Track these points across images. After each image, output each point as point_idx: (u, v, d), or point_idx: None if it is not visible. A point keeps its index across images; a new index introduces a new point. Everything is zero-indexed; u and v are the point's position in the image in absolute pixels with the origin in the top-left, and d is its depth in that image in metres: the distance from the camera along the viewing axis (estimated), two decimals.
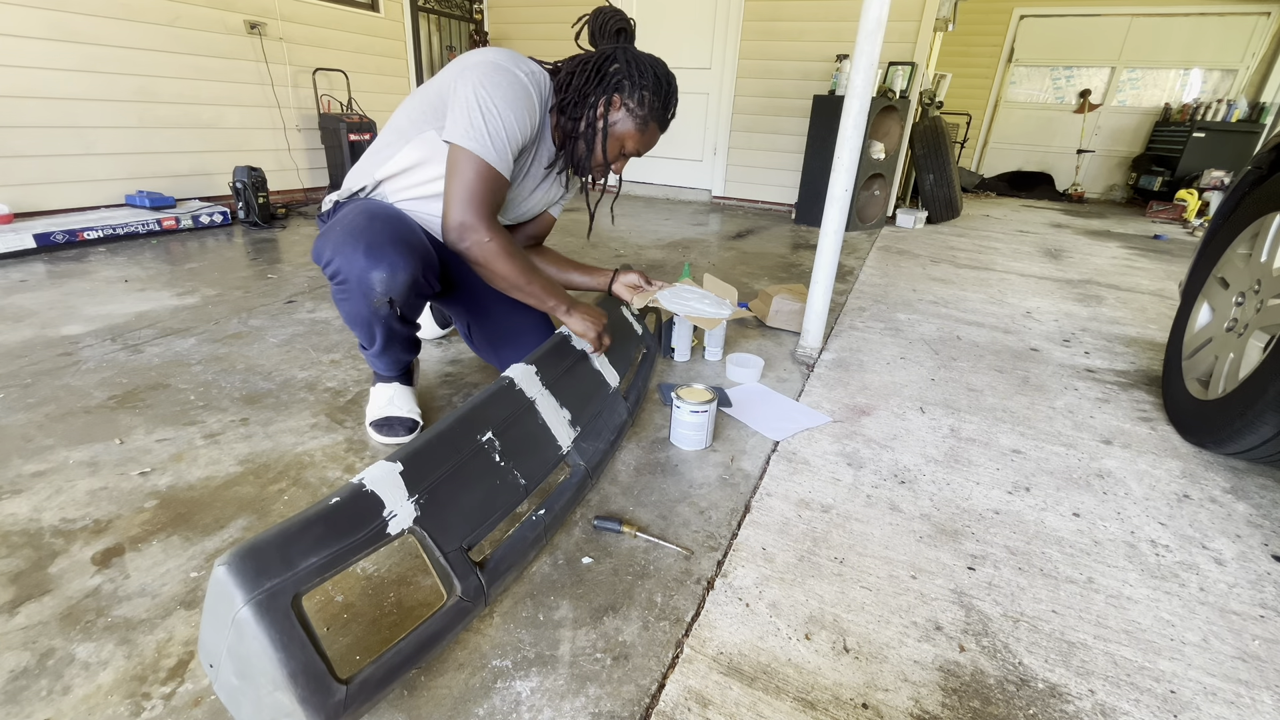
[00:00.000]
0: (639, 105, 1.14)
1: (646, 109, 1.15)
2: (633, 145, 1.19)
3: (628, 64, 1.12)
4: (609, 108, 1.14)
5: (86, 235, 2.66)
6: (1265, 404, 1.16)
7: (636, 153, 1.21)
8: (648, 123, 1.16)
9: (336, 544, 0.67)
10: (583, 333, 1.22)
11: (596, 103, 1.13)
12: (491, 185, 1.07)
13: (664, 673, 0.78)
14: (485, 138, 1.03)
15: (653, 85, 1.13)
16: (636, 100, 1.14)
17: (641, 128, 1.16)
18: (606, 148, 1.17)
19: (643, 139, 1.18)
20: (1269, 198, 1.39)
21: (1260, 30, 5.82)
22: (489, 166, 1.05)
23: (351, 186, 1.24)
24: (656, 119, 1.17)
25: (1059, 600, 0.93)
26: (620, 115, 1.15)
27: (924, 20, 3.79)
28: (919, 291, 2.62)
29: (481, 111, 1.03)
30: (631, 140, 1.18)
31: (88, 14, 2.80)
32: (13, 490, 1.08)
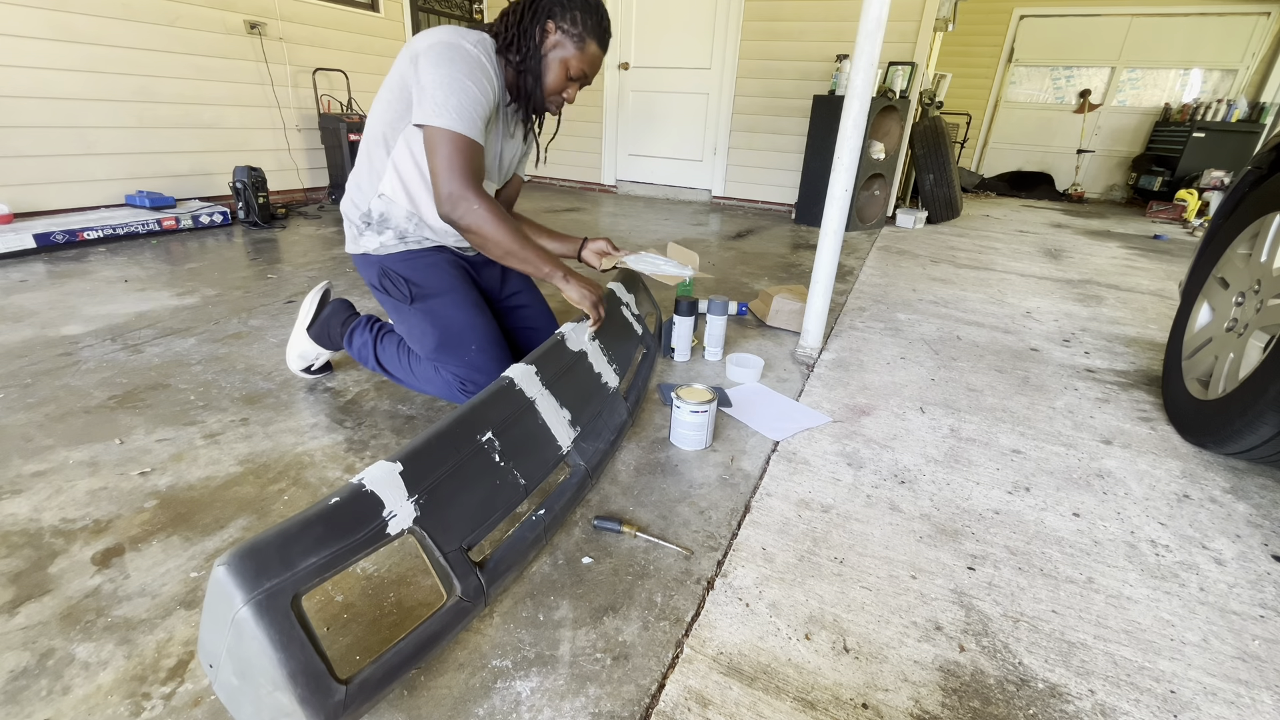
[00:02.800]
0: (572, 24, 1.18)
1: (580, 26, 1.18)
2: (576, 66, 1.21)
3: None
4: (544, 35, 1.19)
5: (86, 235, 2.66)
6: (1265, 404, 1.16)
7: (582, 75, 1.24)
8: (584, 39, 1.19)
9: (336, 544, 0.67)
10: (579, 301, 1.23)
11: (533, 32, 1.18)
12: (470, 154, 1.12)
13: (664, 673, 0.78)
14: (452, 111, 1.09)
15: (581, 4, 1.18)
16: (569, 20, 1.18)
17: (579, 45, 1.20)
18: (549, 74, 1.21)
19: (584, 57, 1.21)
20: (1269, 198, 1.39)
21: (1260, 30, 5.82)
22: (463, 137, 1.10)
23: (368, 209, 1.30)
24: (593, 35, 1.20)
25: (1059, 600, 0.93)
26: (557, 37, 1.19)
27: (924, 20, 3.79)
28: (919, 291, 2.62)
29: (444, 88, 1.09)
30: (575, 61, 1.21)
31: (88, 14, 2.80)
32: (13, 490, 1.08)
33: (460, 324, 1.31)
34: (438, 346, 1.30)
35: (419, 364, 1.34)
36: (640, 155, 5.05)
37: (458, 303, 1.33)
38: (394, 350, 1.38)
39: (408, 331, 1.35)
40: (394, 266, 1.34)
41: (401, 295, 1.33)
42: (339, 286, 2.29)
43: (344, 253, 2.78)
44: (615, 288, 1.54)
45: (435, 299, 1.33)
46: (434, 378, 1.33)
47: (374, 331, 1.41)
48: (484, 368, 1.30)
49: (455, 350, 1.30)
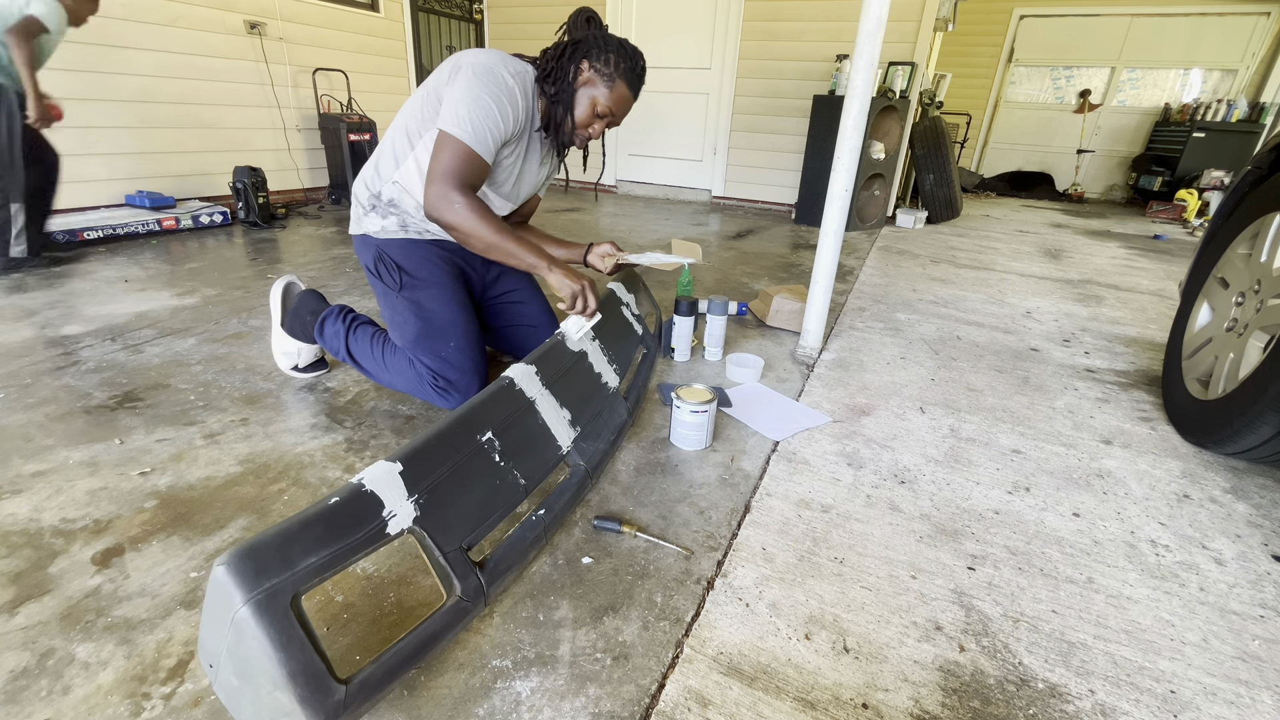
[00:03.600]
0: (605, 65, 1.25)
1: (612, 67, 1.25)
2: (605, 104, 1.27)
3: (594, 37, 1.26)
4: (578, 72, 1.26)
5: (86, 235, 2.66)
6: (1265, 404, 1.16)
7: (610, 114, 1.29)
8: (614, 80, 1.25)
9: (336, 544, 0.67)
10: (559, 289, 1.26)
11: (569, 68, 1.25)
12: (470, 165, 1.19)
13: (664, 673, 0.78)
14: (468, 125, 1.16)
15: (617, 49, 1.25)
16: (603, 61, 1.24)
17: (609, 84, 1.26)
18: (578, 108, 1.27)
19: (612, 96, 1.26)
20: (1269, 198, 1.39)
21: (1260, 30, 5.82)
22: (468, 148, 1.18)
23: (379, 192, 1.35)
24: (624, 78, 1.26)
25: (1059, 600, 0.93)
26: (589, 75, 1.26)
27: (924, 20, 3.79)
28: (919, 291, 2.62)
29: (468, 104, 1.16)
30: (604, 99, 1.26)
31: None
32: (13, 490, 1.08)
33: (443, 319, 1.35)
34: (417, 337, 1.33)
35: (393, 356, 1.36)
36: (640, 155, 5.05)
37: (444, 298, 1.36)
38: (367, 341, 1.39)
39: (391, 318, 1.37)
40: (390, 251, 1.37)
41: (392, 281, 1.36)
42: (338, 287, 2.29)
43: (344, 253, 2.78)
44: (615, 287, 1.54)
45: (423, 290, 1.36)
46: (407, 370, 1.34)
47: (346, 322, 1.43)
48: (459, 365, 1.33)
49: (434, 343, 1.32)
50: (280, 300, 1.50)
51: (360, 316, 1.45)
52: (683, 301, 1.70)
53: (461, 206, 1.18)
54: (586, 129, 1.31)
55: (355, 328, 1.42)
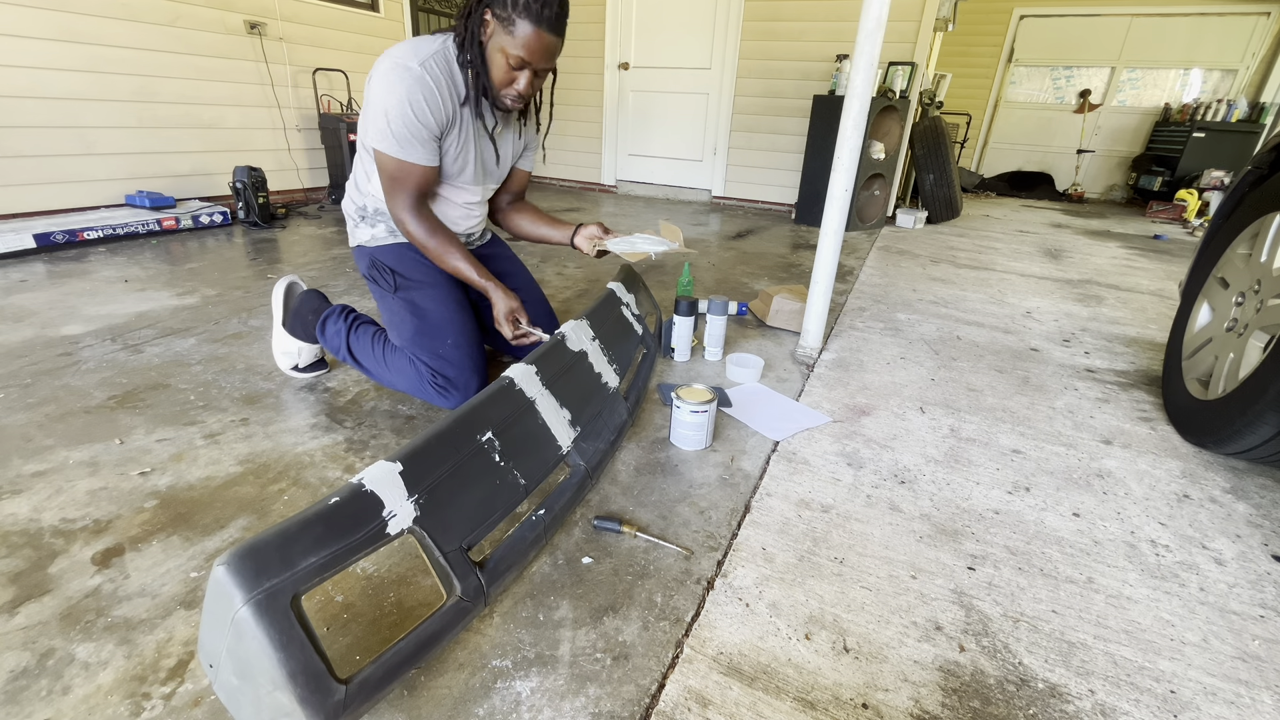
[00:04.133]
0: (504, 7, 1.12)
1: (511, 8, 1.11)
2: (514, 53, 1.15)
3: None
4: (483, 25, 1.16)
5: (86, 235, 2.66)
6: (1265, 404, 1.16)
7: (524, 62, 1.16)
8: (515, 22, 1.12)
9: (336, 544, 0.67)
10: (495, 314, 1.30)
11: (475, 26, 1.16)
12: (404, 175, 1.21)
13: (664, 673, 0.78)
14: (389, 135, 1.16)
15: None
16: (501, 4, 1.12)
17: (511, 29, 1.13)
18: (492, 67, 1.18)
19: (517, 41, 1.13)
20: (1269, 198, 1.39)
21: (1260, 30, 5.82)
22: (396, 160, 1.18)
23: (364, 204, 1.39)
24: (527, 14, 1.11)
25: (1059, 600, 0.93)
26: (492, 25, 1.15)
27: (924, 20, 3.79)
28: (919, 291, 2.62)
29: (384, 113, 1.15)
30: (510, 46, 1.14)
31: (88, 14, 2.80)
32: (13, 490, 1.08)
33: (439, 316, 1.35)
34: (414, 335, 1.33)
35: (393, 355, 1.35)
36: (640, 155, 5.05)
37: (439, 297, 1.37)
38: (368, 340, 1.39)
39: (389, 320, 1.38)
40: (382, 257, 1.39)
41: (387, 284, 1.38)
42: (338, 287, 2.29)
43: (344, 253, 2.78)
44: (615, 287, 1.54)
45: (417, 290, 1.36)
46: (407, 369, 1.33)
47: (348, 321, 1.42)
48: (457, 362, 1.32)
49: (431, 341, 1.32)
50: (282, 300, 1.50)
51: (362, 316, 1.45)
52: (683, 301, 1.70)
53: (410, 226, 1.22)
54: (511, 86, 1.20)
55: (357, 327, 1.42)
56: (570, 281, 2.50)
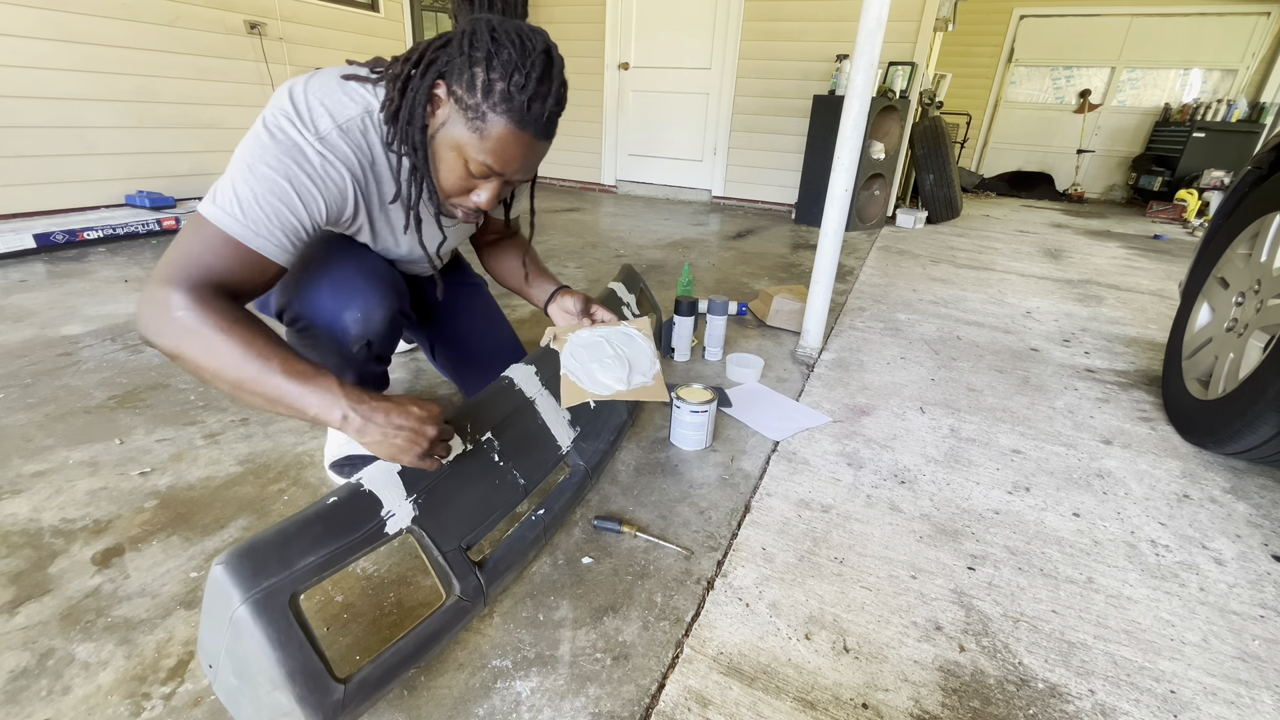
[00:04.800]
0: (469, 90, 0.74)
1: (481, 93, 0.74)
2: (476, 157, 0.78)
3: (460, 37, 0.75)
4: (432, 104, 0.78)
5: (86, 235, 2.66)
6: (1265, 404, 1.16)
7: (492, 169, 0.79)
8: (485, 115, 0.75)
9: (334, 543, 0.67)
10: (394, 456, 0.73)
11: (418, 99, 0.77)
12: (227, 259, 0.73)
13: (664, 673, 0.78)
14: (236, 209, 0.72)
15: (487, 56, 0.73)
16: (466, 83, 0.74)
17: (477, 125, 0.75)
18: (439, 170, 0.81)
19: (484, 144, 0.76)
20: (1269, 198, 1.39)
21: (1260, 30, 5.82)
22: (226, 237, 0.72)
23: None
24: (505, 109, 0.74)
25: (1059, 600, 0.93)
26: (448, 110, 0.77)
27: (924, 20, 3.79)
28: (919, 291, 2.62)
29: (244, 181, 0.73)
30: (476, 149, 0.77)
31: (88, 14, 2.80)
32: (13, 490, 1.08)
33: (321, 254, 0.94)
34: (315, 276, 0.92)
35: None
36: (640, 155, 5.05)
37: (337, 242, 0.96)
38: None
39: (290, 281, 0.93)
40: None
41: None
42: None
43: None
44: (615, 287, 1.54)
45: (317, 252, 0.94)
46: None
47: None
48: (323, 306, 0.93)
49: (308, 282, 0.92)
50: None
51: None
52: (683, 301, 1.70)
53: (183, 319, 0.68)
54: (464, 197, 0.84)
55: None
56: (570, 282, 2.50)
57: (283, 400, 0.70)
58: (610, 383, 1.08)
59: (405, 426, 0.71)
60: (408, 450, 0.72)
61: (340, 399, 0.70)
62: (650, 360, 1.14)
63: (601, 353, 1.12)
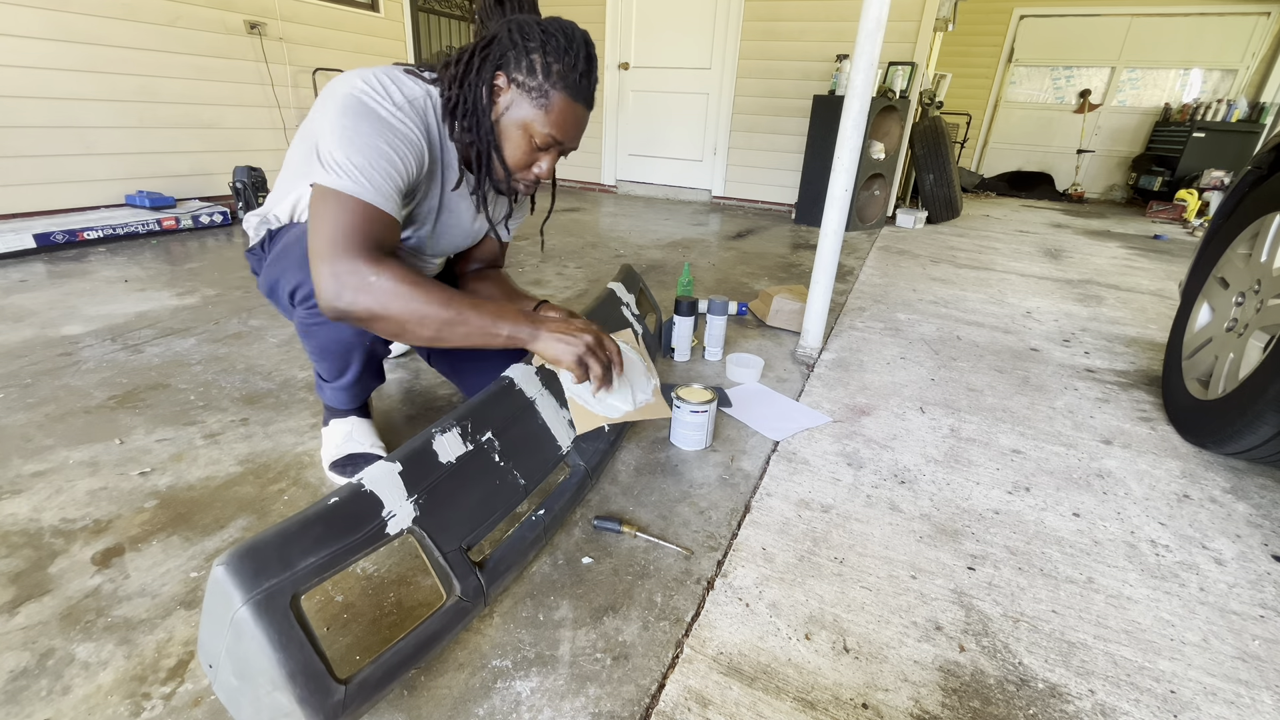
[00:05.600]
0: (530, 74, 0.87)
1: (541, 75, 0.87)
2: (543, 131, 0.90)
3: (509, 33, 0.87)
4: (493, 93, 0.89)
5: (86, 235, 2.66)
6: (1265, 404, 1.16)
7: (555, 141, 0.92)
8: (548, 93, 0.87)
9: (335, 544, 0.67)
10: (556, 359, 0.90)
11: (479, 90, 0.88)
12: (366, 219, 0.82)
13: (664, 673, 0.78)
14: (355, 171, 0.81)
15: (541, 45, 0.86)
16: (525, 69, 0.87)
17: (542, 102, 0.88)
18: (505, 149, 0.92)
19: (550, 117, 0.89)
20: (1269, 198, 1.39)
21: (1260, 30, 5.82)
22: (361, 202, 0.82)
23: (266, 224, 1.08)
24: (563, 85, 0.88)
25: (1059, 600, 0.93)
26: (511, 95, 0.89)
27: (924, 20, 3.79)
28: (919, 291, 2.62)
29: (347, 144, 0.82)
30: (539, 124, 0.89)
31: (88, 14, 2.80)
32: (13, 490, 1.08)
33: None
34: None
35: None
36: (640, 155, 5.05)
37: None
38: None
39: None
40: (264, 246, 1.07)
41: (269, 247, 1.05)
42: None
43: None
44: (615, 287, 1.54)
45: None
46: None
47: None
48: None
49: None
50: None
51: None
52: (683, 301, 1.70)
53: (379, 280, 0.80)
54: (528, 169, 0.95)
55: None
56: (570, 281, 2.50)
57: (483, 330, 0.86)
58: (619, 404, 1.09)
59: (566, 336, 0.90)
60: (568, 353, 0.90)
61: (523, 321, 0.88)
62: (647, 375, 1.15)
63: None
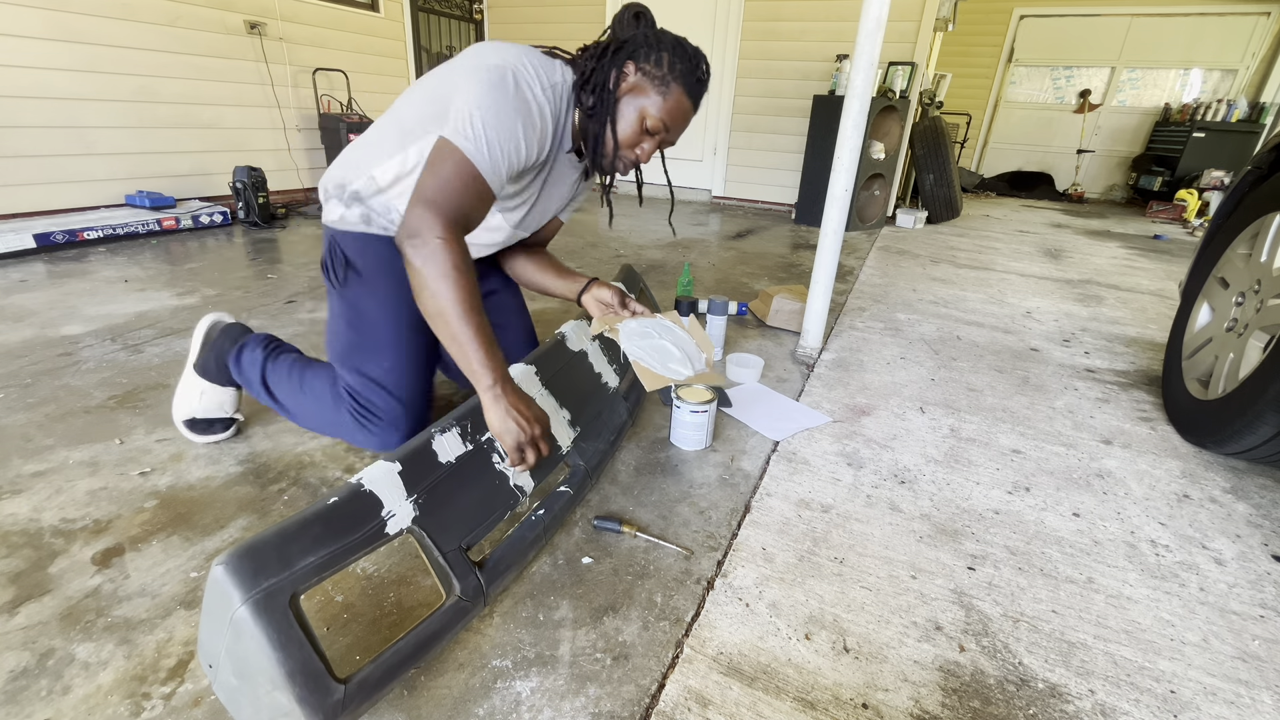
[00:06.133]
0: (656, 66, 1.00)
1: (666, 69, 0.99)
2: (655, 116, 1.01)
3: (645, 35, 1.01)
4: (622, 77, 1.01)
5: (86, 235, 2.66)
6: (1265, 404, 1.16)
7: (663, 128, 1.03)
8: (669, 83, 1.00)
9: (335, 543, 0.67)
10: (498, 435, 0.90)
11: (609, 74, 1.00)
12: (472, 191, 0.91)
13: (664, 673, 0.78)
14: (483, 141, 0.90)
15: (672, 47, 1.00)
16: (654, 62, 1.00)
17: (663, 90, 1.00)
18: (621, 122, 1.02)
19: (666, 106, 1.01)
20: (1269, 198, 1.39)
21: (1260, 30, 5.82)
22: (475, 171, 0.90)
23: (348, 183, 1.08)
24: (682, 82, 1.01)
25: (1059, 600, 0.93)
26: (636, 79, 1.01)
27: (924, 20, 3.79)
28: (919, 291, 2.62)
29: (487, 115, 0.90)
30: (654, 109, 1.01)
31: (87, 14, 2.80)
32: (13, 490, 1.08)
33: (383, 333, 1.11)
34: (347, 349, 1.10)
35: (313, 378, 1.13)
36: None
37: (391, 307, 1.11)
38: (285, 368, 1.16)
39: (330, 322, 1.16)
40: (343, 244, 1.11)
41: (338, 276, 1.12)
42: None
43: None
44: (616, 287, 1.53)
45: (368, 293, 1.11)
46: (324, 394, 1.11)
47: (267, 349, 1.18)
48: (391, 387, 1.09)
49: (364, 358, 1.09)
50: (201, 340, 1.24)
51: (285, 345, 1.22)
52: (683, 301, 1.70)
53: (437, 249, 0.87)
54: (633, 149, 1.05)
55: (276, 355, 1.18)
56: None
57: (463, 347, 0.88)
58: (680, 369, 1.20)
59: (523, 414, 0.90)
60: (513, 433, 0.89)
61: (496, 372, 0.89)
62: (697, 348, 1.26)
63: (654, 341, 1.21)
